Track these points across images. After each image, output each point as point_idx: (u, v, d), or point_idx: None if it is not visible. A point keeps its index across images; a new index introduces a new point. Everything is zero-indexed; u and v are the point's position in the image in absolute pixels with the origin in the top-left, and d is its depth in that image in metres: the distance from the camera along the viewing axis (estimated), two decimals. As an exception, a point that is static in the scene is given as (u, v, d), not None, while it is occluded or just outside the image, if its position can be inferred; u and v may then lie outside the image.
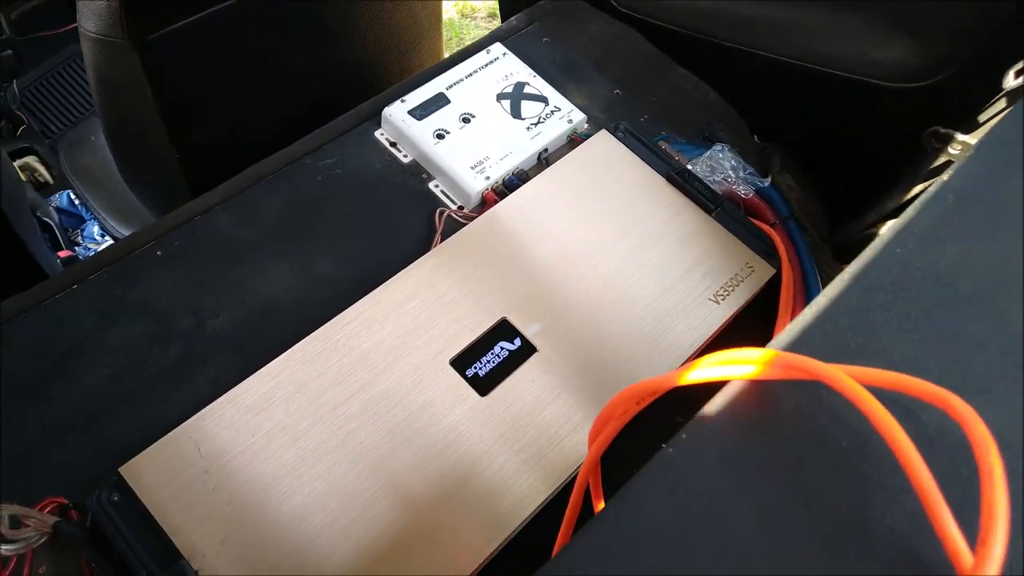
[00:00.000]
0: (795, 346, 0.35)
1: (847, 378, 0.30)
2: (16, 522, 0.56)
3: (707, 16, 0.91)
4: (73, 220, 1.30)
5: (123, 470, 0.56)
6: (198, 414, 0.59)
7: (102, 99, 0.89)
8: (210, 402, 0.60)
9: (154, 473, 0.56)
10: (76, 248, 1.27)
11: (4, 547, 0.54)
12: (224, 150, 0.95)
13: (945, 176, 0.44)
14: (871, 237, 0.85)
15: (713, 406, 0.34)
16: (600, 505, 0.48)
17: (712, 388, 0.36)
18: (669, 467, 0.32)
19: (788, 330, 0.36)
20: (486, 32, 2.32)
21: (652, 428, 0.60)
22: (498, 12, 2.38)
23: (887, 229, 0.41)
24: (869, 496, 0.29)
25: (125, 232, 1.21)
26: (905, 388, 0.30)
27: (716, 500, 0.31)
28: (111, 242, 1.26)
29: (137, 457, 0.56)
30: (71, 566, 0.56)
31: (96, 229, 1.28)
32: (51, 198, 1.34)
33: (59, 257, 1.20)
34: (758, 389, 0.34)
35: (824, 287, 0.77)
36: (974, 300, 0.35)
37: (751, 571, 0.28)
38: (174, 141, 0.90)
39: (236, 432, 0.58)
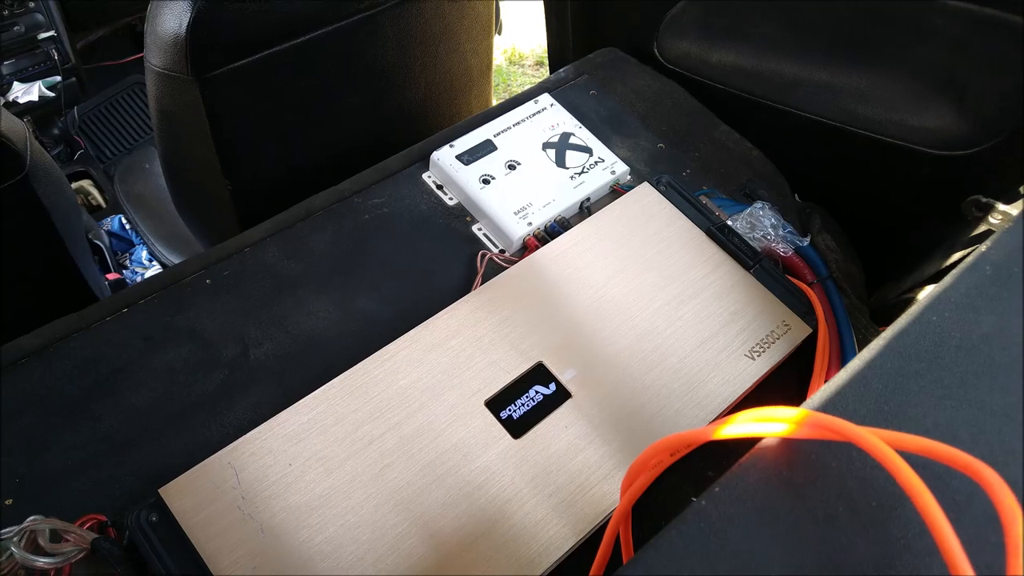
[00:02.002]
0: (829, 407, 0.35)
1: (879, 440, 0.30)
2: (56, 536, 0.57)
3: (752, 75, 0.93)
4: (123, 244, 1.35)
5: (163, 491, 0.57)
6: (238, 441, 0.60)
7: (161, 130, 0.93)
8: (250, 429, 0.61)
9: (192, 496, 0.57)
10: (124, 271, 1.31)
11: (43, 560, 0.56)
12: (274, 184, 0.98)
13: (983, 247, 0.44)
14: (909, 301, 0.85)
15: (747, 462, 0.35)
16: (630, 556, 0.48)
17: (745, 444, 0.36)
18: (701, 519, 0.33)
19: (822, 391, 0.36)
20: (533, 79, 2.37)
21: (683, 481, 0.60)
22: (546, 61, 2.42)
23: (924, 295, 0.42)
24: (896, 556, 0.29)
25: (172, 258, 1.25)
26: (935, 454, 0.30)
27: (747, 554, 0.31)
28: (158, 267, 1.30)
29: (177, 479, 0.58)
30: (107, 582, 0.58)
31: (144, 254, 1.32)
32: (103, 221, 1.39)
33: (107, 279, 1.24)
34: (791, 447, 0.34)
35: (860, 349, 0.77)
36: (1008, 370, 0.36)
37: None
38: (227, 174, 0.93)
39: (273, 461, 0.60)
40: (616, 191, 0.84)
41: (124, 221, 1.35)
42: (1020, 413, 0.34)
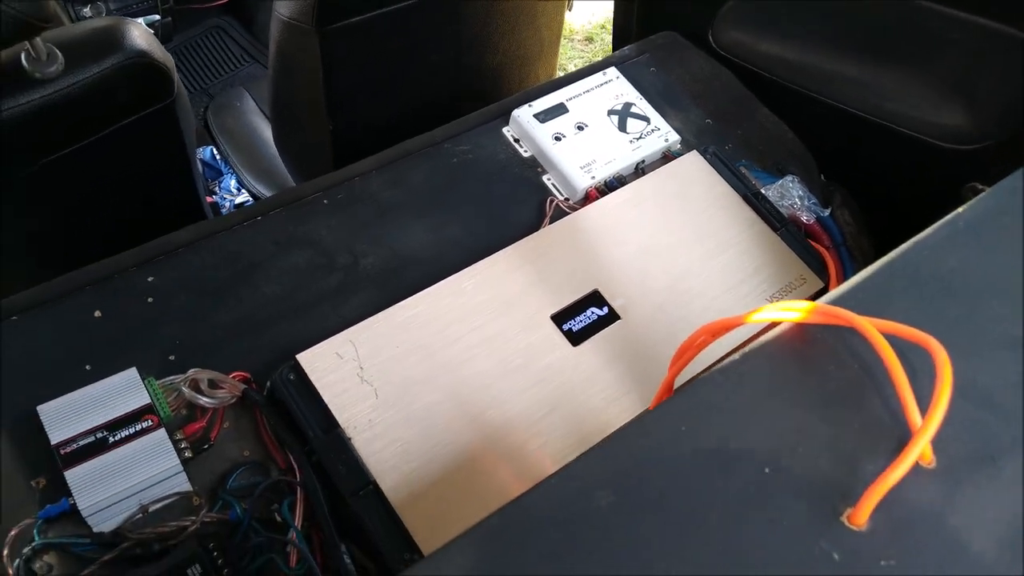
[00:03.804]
0: (834, 303, 0.50)
1: (866, 322, 0.45)
2: (212, 385, 0.73)
3: (795, 66, 1.06)
4: (212, 172, 1.50)
5: (299, 357, 0.73)
6: (357, 325, 0.75)
7: (277, 71, 1.07)
8: (360, 321, 0.77)
9: (322, 362, 0.73)
10: (214, 197, 1.46)
11: (205, 400, 0.72)
12: (368, 128, 1.13)
13: (961, 208, 0.59)
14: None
15: (767, 338, 0.49)
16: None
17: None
18: (726, 374, 0.48)
19: (827, 296, 0.51)
20: (582, 53, 2.50)
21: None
22: (593, 36, 2.54)
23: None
24: (868, 398, 0.44)
25: (259, 187, 1.40)
26: (903, 333, 0.45)
27: (762, 401, 0.46)
28: (246, 195, 1.45)
29: (310, 349, 0.73)
30: (248, 425, 0.73)
31: (233, 182, 1.47)
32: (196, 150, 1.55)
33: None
34: (802, 331, 0.49)
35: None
36: (964, 293, 0.50)
37: (786, 434, 0.44)
38: (331, 116, 1.08)
39: (385, 343, 0.75)
40: (667, 156, 0.98)
41: (215, 152, 1.50)
42: (969, 318, 0.49)
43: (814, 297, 0.89)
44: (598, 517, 0.40)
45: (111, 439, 0.66)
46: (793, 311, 0.49)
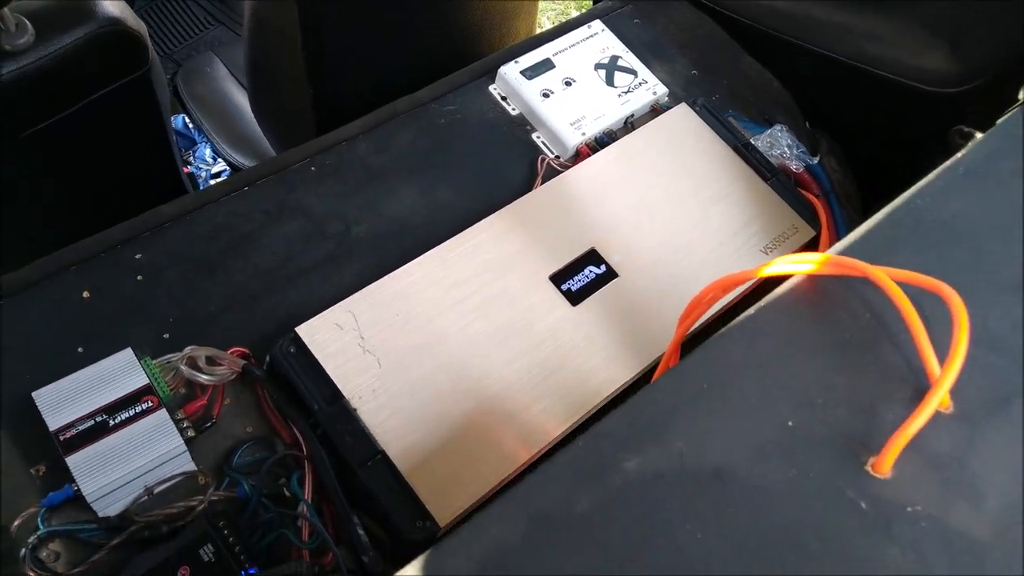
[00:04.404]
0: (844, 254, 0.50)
1: (880, 271, 0.45)
2: (210, 362, 0.72)
3: (779, 15, 1.05)
4: (186, 142, 1.46)
5: (299, 329, 0.72)
6: (355, 294, 0.74)
7: (254, 39, 1.04)
8: (355, 291, 0.76)
9: (322, 334, 0.72)
10: (189, 167, 1.43)
11: (204, 377, 0.71)
12: (351, 92, 1.11)
13: (960, 153, 0.59)
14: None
15: (781, 291, 0.49)
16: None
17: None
18: (743, 328, 0.48)
19: (835, 247, 0.51)
20: (554, 7, 2.45)
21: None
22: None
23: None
24: (881, 345, 0.44)
25: (236, 156, 1.37)
26: (913, 280, 0.45)
27: (779, 351, 0.46)
28: (223, 164, 1.42)
29: (309, 321, 0.72)
30: (249, 400, 0.73)
31: (208, 152, 1.44)
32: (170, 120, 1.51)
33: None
34: (814, 282, 0.49)
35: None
36: (968, 237, 0.51)
37: (806, 387, 0.44)
38: (311, 82, 1.05)
39: (384, 311, 0.74)
40: (656, 110, 0.97)
41: (187, 120, 1.47)
42: (975, 263, 0.49)
43: (807, 246, 0.90)
44: (623, 479, 0.40)
45: (111, 422, 0.65)
46: (805, 263, 0.49)
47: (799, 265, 0.49)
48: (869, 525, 0.37)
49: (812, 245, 0.90)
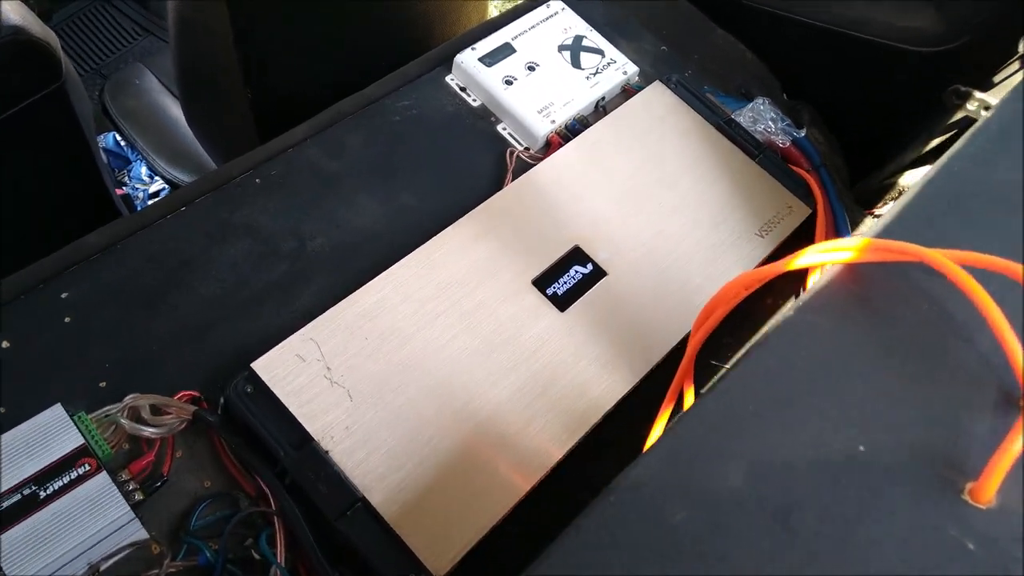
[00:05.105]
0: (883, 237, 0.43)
1: (939, 255, 0.38)
2: (155, 411, 0.63)
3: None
4: (119, 161, 1.35)
5: (255, 365, 0.63)
6: (317, 319, 0.66)
7: (182, 41, 0.94)
8: (317, 314, 0.67)
9: (281, 368, 0.63)
10: (124, 188, 1.32)
11: (150, 430, 0.61)
12: (293, 93, 1.01)
13: (989, 113, 0.52)
14: (891, 185, 0.94)
15: (819, 287, 0.42)
16: (690, 392, 0.56)
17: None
18: (786, 333, 0.40)
19: (872, 228, 0.44)
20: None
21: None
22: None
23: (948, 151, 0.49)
24: (948, 338, 0.37)
25: (175, 173, 1.27)
26: (977, 262, 0.38)
27: (831, 352, 0.39)
28: (160, 182, 1.31)
29: (266, 355, 0.64)
30: (205, 451, 0.64)
31: (144, 170, 1.33)
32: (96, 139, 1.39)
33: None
34: (855, 272, 0.42)
35: (852, 228, 0.86)
36: (1018, 204, 0.44)
37: (870, 400, 0.37)
38: (248, 84, 0.96)
39: (351, 335, 0.66)
40: (628, 91, 0.90)
41: (118, 138, 1.36)
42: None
43: (804, 225, 0.83)
44: (671, 535, 0.32)
45: (42, 494, 0.55)
46: (844, 250, 0.42)
47: (837, 253, 0.42)
48: (980, 571, 0.30)
49: (809, 224, 0.83)
